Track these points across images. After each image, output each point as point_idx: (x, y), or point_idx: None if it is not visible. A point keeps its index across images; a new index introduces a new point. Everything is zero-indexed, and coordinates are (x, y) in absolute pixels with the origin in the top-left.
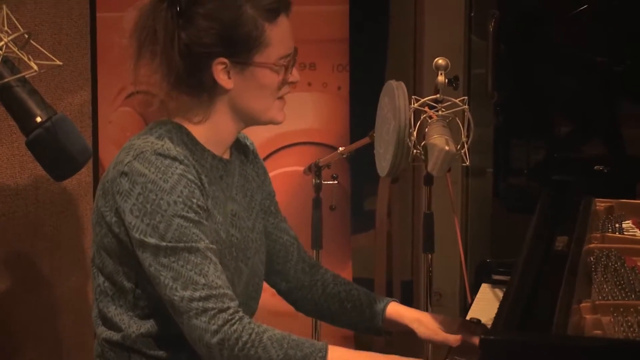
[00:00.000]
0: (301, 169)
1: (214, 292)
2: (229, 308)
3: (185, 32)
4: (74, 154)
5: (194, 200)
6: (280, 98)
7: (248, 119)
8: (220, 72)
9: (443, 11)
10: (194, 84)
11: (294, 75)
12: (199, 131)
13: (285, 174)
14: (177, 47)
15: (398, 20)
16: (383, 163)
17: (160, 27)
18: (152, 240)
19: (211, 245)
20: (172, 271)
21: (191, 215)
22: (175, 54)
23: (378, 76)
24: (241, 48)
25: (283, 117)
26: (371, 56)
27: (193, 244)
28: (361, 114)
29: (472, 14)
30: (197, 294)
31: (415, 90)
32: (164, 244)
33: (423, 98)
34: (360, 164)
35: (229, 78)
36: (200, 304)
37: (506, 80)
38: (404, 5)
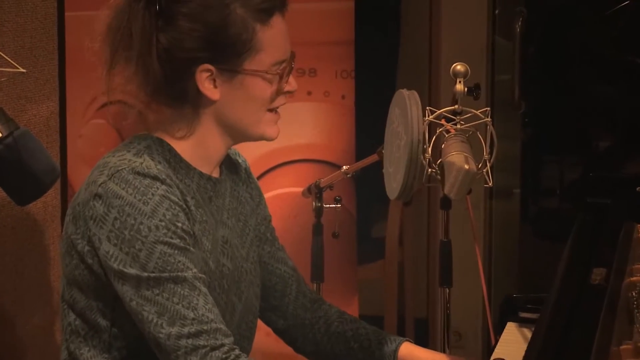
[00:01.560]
0: (299, 190)
1: (205, 328)
2: (222, 345)
3: (164, 34)
4: (38, 174)
5: (179, 225)
6: (274, 110)
7: (236, 134)
8: (205, 81)
9: (463, 9)
10: (175, 94)
11: (291, 84)
12: (183, 147)
13: (281, 196)
14: (156, 52)
15: (411, 19)
16: (393, 184)
17: (137, 29)
18: (132, 271)
19: (200, 275)
20: (156, 305)
21: (176, 241)
22: (153, 60)
23: (388, 84)
24: (229, 53)
25: (276, 133)
26: (380, 60)
27: (179, 274)
28: (369, 127)
29: (497, 12)
30: (185, 330)
31: (431, 100)
32: (145, 274)
33: (439, 109)
34: (368, 185)
35: (215, 87)
36: (190, 341)
37: (535, 87)
38: (418, 1)
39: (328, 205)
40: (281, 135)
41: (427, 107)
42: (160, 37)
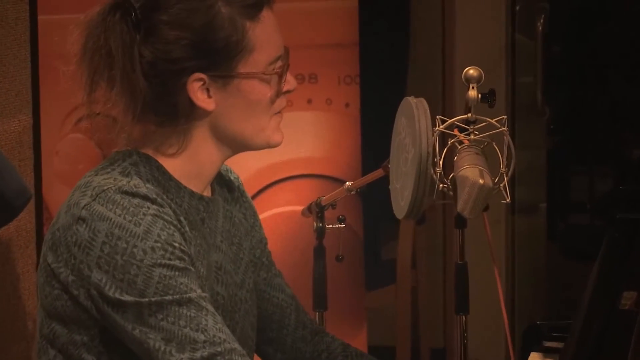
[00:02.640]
0: (299, 209)
1: (219, 349)
2: None
3: (147, 47)
4: (8, 197)
5: (176, 245)
6: (277, 113)
7: (237, 145)
8: (198, 92)
9: (479, 5)
10: (166, 110)
11: (290, 82)
12: (174, 164)
13: (279, 215)
14: (140, 68)
15: (422, 18)
16: (401, 202)
17: (116, 45)
18: (130, 298)
19: (204, 294)
20: (162, 331)
21: (175, 262)
22: (138, 77)
23: (397, 90)
24: (220, 58)
25: (281, 138)
26: (388, 64)
27: (183, 295)
28: (376, 138)
29: (517, 8)
30: (198, 355)
31: (445, 108)
32: (146, 299)
33: (451, 118)
34: (375, 202)
35: (209, 97)
36: None
37: (560, 90)
38: None
39: (331, 226)
40: (278, 148)
41: (438, 116)
42: (142, 51)
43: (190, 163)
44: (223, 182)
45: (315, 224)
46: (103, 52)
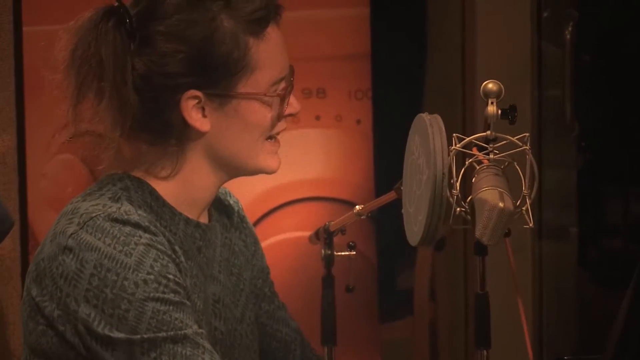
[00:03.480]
0: (306, 235)
1: None
2: None
3: (141, 59)
4: None
5: (170, 277)
6: (273, 138)
7: (231, 169)
8: (193, 110)
9: (502, 12)
10: (157, 128)
11: (293, 105)
12: (167, 188)
13: (284, 242)
14: (132, 81)
15: (440, 27)
16: (414, 227)
17: (107, 54)
18: (121, 335)
19: (200, 330)
20: None
21: (169, 296)
22: (129, 91)
23: (413, 105)
24: (219, 75)
25: (277, 164)
26: (403, 78)
27: (178, 332)
28: (390, 157)
29: (545, 15)
30: None
31: (465, 125)
32: (138, 337)
33: (469, 136)
34: (389, 227)
35: (204, 117)
36: None
37: (591, 104)
38: (448, 4)
39: (340, 253)
40: (284, 169)
41: (454, 134)
42: (135, 63)
43: (185, 187)
44: (221, 207)
45: (323, 252)
46: (93, 61)
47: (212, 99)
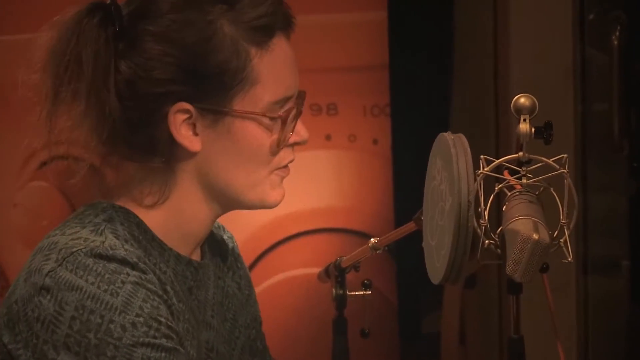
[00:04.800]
0: (315, 272)
1: None
2: None
3: (126, 61)
4: None
5: (162, 319)
6: (281, 168)
7: (226, 200)
8: (182, 126)
9: (540, 15)
10: (141, 143)
11: (300, 132)
12: (155, 219)
13: (290, 280)
14: (114, 85)
15: (467, 33)
16: (436, 263)
17: (88, 53)
18: None
19: None
20: None
21: (161, 341)
22: (110, 96)
23: (436, 123)
24: (213, 87)
25: (279, 198)
26: (425, 91)
27: None
28: (412, 182)
29: (590, 18)
30: None
31: (499, 146)
32: None
33: (500, 158)
34: (411, 262)
35: (195, 135)
36: None
37: None
38: (478, 6)
39: (354, 293)
40: (289, 196)
41: (482, 156)
42: (120, 65)
43: (175, 217)
44: (214, 243)
45: (334, 291)
46: (73, 60)
47: (204, 115)
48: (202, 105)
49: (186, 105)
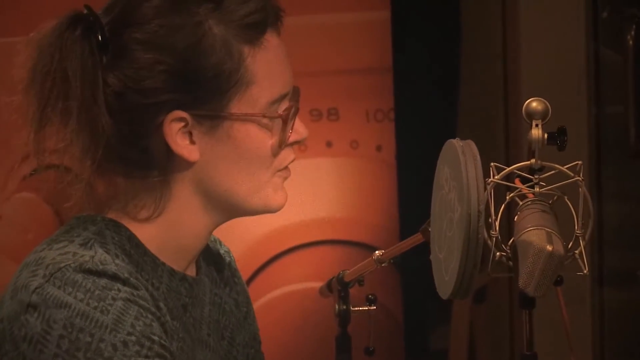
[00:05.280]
0: (316, 286)
1: None
2: None
3: (114, 73)
4: None
5: (155, 338)
6: (282, 169)
7: (227, 209)
8: (178, 136)
9: (551, 13)
10: (135, 158)
11: (299, 130)
12: (148, 233)
13: (290, 295)
14: (104, 100)
15: (475, 33)
16: (445, 276)
17: (74, 69)
18: None
19: None
20: None
21: None
22: (101, 112)
23: (444, 128)
24: (208, 92)
25: (284, 199)
26: (431, 94)
27: None
28: (418, 191)
29: (603, 16)
30: None
31: (509, 153)
32: None
33: (511, 165)
34: (417, 276)
35: (192, 144)
36: None
37: None
38: (485, 6)
39: (358, 308)
40: (288, 206)
41: (492, 164)
42: (108, 78)
43: (170, 231)
44: (210, 258)
45: (337, 307)
46: (57, 77)
47: (200, 122)
48: (197, 112)
49: (181, 114)
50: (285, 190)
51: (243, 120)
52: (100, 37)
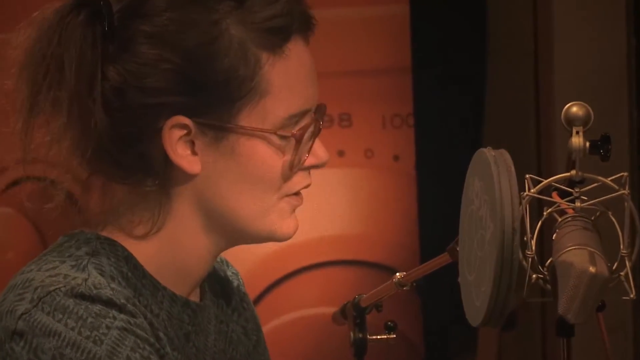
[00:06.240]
0: (329, 312)
1: None
2: None
3: (116, 66)
4: None
5: None
6: (294, 195)
7: (229, 232)
8: (179, 145)
9: (587, 8)
10: (130, 162)
11: (318, 154)
12: (147, 252)
13: (299, 321)
14: (101, 95)
15: (504, 27)
16: (476, 301)
17: (72, 56)
18: None
19: None
20: None
21: None
22: (96, 107)
23: (468, 136)
24: (216, 98)
25: (292, 229)
26: (455, 98)
27: None
28: (440, 205)
29: None
30: None
31: (540, 163)
32: None
33: (548, 178)
34: (440, 301)
35: (194, 154)
36: None
37: None
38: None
39: (375, 337)
40: (299, 223)
41: (527, 175)
42: (108, 71)
43: (169, 251)
44: (216, 280)
45: (352, 335)
46: (52, 63)
47: (204, 132)
48: (202, 120)
49: (184, 120)
50: (295, 219)
51: (251, 135)
52: (106, 25)
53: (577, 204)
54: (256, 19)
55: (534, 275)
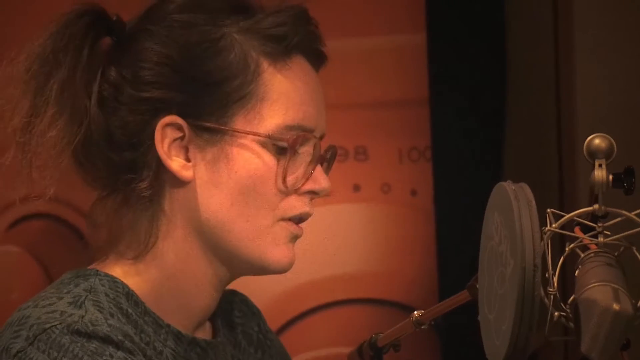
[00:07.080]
0: (344, 352)
1: None
2: None
3: (116, 66)
4: None
5: None
6: (287, 220)
7: (223, 254)
8: (172, 147)
9: (609, 34)
10: (120, 160)
11: (317, 178)
12: (145, 283)
13: None
14: (97, 91)
15: (524, 56)
16: (496, 340)
17: (70, 48)
18: None
19: None
20: None
21: None
22: (91, 101)
23: (488, 169)
24: (212, 99)
25: (285, 259)
26: (474, 130)
27: None
28: (459, 241)
29: None
30: None
31: (563, 198)
32: None
33: (570, 212)
34: (461, 339)
35: (187, 160)
36: None
37: None
38: (536, 24)
39: None
40: (310, 261)
41: (549, 210)
42: (108, 71)
43: (167, 278)
44: (233, 318)
45: None
46: (50, 57)
47: (198, 134)
48: (196, 122)
49: (177, 120)
50: (291, 249)
51: (244, 140)
52: (109, 27)
53: (601, 239)
54: (259, 27)
55: (556, 313)
